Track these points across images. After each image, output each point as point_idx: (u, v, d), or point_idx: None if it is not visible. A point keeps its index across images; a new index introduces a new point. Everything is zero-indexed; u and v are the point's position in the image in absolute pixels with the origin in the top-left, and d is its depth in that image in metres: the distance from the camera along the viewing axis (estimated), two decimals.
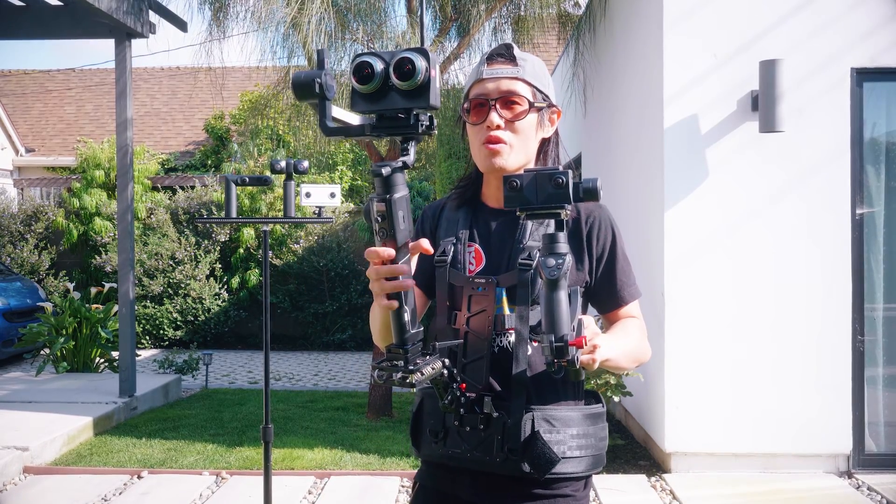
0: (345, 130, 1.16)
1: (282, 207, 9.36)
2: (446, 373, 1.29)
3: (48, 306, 7.42)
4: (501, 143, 1.49)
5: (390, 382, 1.17)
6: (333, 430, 5.50)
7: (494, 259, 1.53)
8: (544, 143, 1.59)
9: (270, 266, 9.77)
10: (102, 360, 7.24)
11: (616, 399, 4.58)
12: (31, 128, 15.72)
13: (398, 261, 1.16)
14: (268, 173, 6.33)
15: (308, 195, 3.97)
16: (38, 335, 7.09)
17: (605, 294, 1.57)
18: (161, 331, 9.83)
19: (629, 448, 4.98)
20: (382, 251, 1.15)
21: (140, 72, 16.36)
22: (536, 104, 1.52)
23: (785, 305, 4.41)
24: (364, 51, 1.66)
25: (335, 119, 1.13)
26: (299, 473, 4.54)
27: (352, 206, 10.86)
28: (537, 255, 1.43)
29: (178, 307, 9.80)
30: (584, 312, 1.59)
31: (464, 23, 5.56)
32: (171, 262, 9.85)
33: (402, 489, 4.31)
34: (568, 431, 1.45)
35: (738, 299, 4.43)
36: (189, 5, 8.99)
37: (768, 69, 4.23)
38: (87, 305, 7.27)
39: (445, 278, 1.52)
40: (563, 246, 1.27)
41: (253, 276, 10.11)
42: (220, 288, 10.05)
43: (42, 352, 7.85)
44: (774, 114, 4.22)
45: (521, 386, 1.44)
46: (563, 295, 1.23)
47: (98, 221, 10.64)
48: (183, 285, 9.83)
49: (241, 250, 10.20)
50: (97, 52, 50.97)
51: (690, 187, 4.46)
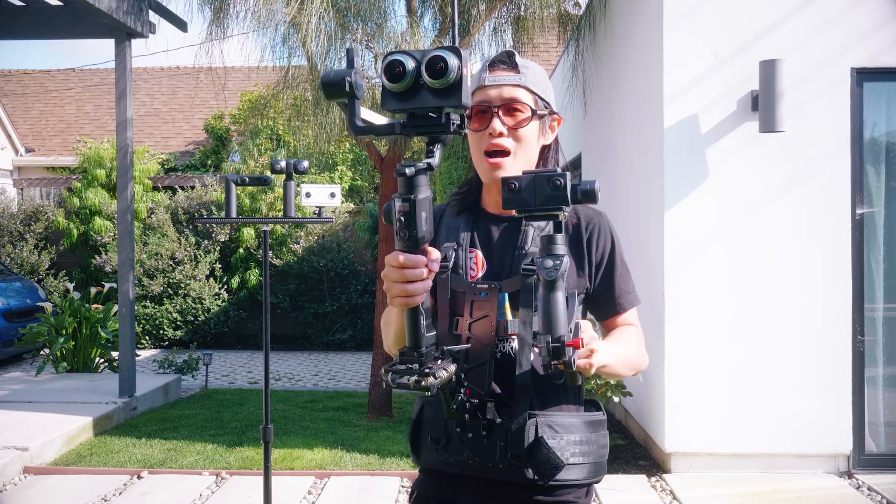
0: (374, 129, 1.15)
1: (282, 207, 9.36)
2: (453, 378, 1.28)
3: (48, 306, 7.42)
4: (503, 157, 1.50)
5: (403, 386, 1.15)
6: (333, 430, 5.50)
7: (496, 265, 1.53)
8: (544, 150, 1.60)
9: (270, 266, 9.77)
10: (102, 360, 7.24)
11: (616, 399, 4.58)
12: (31, 128, 15.72)
13: (419, 262, 1.15)
14: (268, 173, 6.34)
15: (308, 195, 3.96)
16: (38, 335, 7.09)
17: (604, 301, 1.58)
18: (161, 331, 9.83)
19: (629, 448, 4.98)
20: (405, 259, 1.14)
21: (140, 72, 16.36)
22: (539, 112, 1.52)
23: (785, 305, 4.41)
24: (395, 49, 1.64)
25: (364, 119, 1.12)
26: (299, 473, 4.54)
27: (352, 206, 10.86)
28: (535, 257, 1.43)
29: (178, 307, 9.80)
30: (584, 319, 1.59)
31: (464, 23, 5.56)
32: (171, 262, 9.85)
33: (402, 489, 4.31)
34: (570, 437, 1.45)
35: (738, 299, 4.43)
36: (189, 5, 9.02)
37: (768, 69, 4.23)
38: (87, 305, 7.27)
39: (447, 284, 1.51)
40: (561, 247, 1.27)
41: (253, 276, 10.11)
42: (220, 288, 10.05)
43: (42, 352, 7.85)
44: (774, 114, 4.22)
45: (524, 391, 1.44)
46: (561, 296, 1.23)
47: (98, 221, 10.64)
48: (183, 285, 9.83)
49: (241, 250, 10.20)
50: (97, 52, 50.98)
51: (690, 187, 4.46)
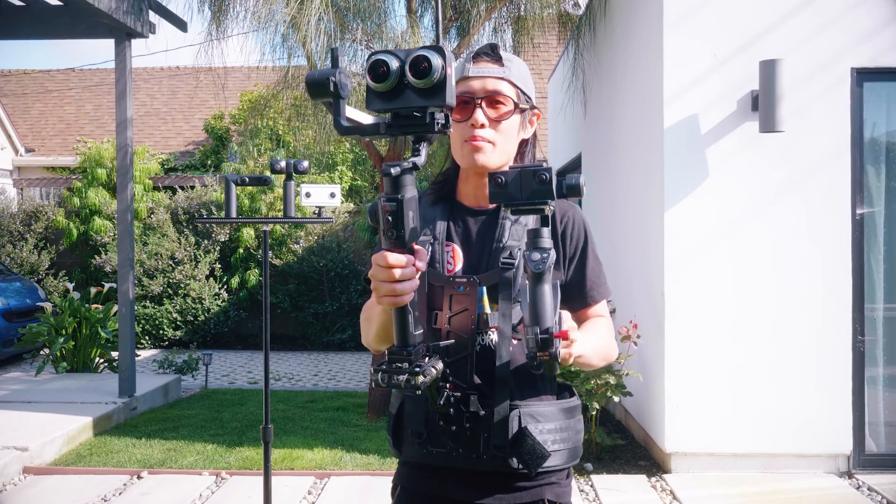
0: (359, 129, 1.15)
1: (282, 207, 9.35)
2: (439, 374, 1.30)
3: (48, 306, 7.41)
4: (485, 141, 1.51)
5: (394, 385, 1.15)
6: (333, 431, 5.50)
7: (474, 258, 1.54)
8: (523, 144, 1.61)
9: (270, 266, 9.77)
10: (102, 360, 7.24)
11: (616, 399, 4.58)
12: (31, 128, 15.72)
13: (406, 262, 1.15)
14: (268, 173, 6.33)
15: (308, 195, 3.97)
16: (38, 335, 7.09)
17: (576, 292, 1.59)
18: (161, 331, 9.83)
19: (629, 448, 4.98)
20: (393, 259, 1.14)
21: (140, 72, 16.36)
22: (521, 105, 1.54)
23: (785, 305, 4.40)
24: (379, 49, 1.64)
25: (349, 119, 1.12)
26: (299, 473, 4.54)
27: (352, 206, 10.86)
28: (518, 253, 1.46)
29: (178, 307, 9.80)
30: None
31: (464, 23, 5.56)
32: (171, 262, 9.85)
33: None
34: (549, 426, 1.47)
35: (739, 299, 4.43)
36: (189, 5, 9.02)
37: (768, 69, 4.23)
38: (87, 305, 7.27)
39: (424, 278, 1.51)
40: (548, 241, 1.28)
41: (253, 276, 10.11)
42: (220, 288, 10.05)
43: (42, 352, 7.85)
44: (774, 114, 4.21)
45: (505, 383, 1.46)
46: (548, 288, 1.24)
47: (98, 221, 10.64)
48: (183, 285, 9.83)
49: (241, 250, 10.20)
50: (97, 52, 50.98)
51: (690, 187, 4.46)
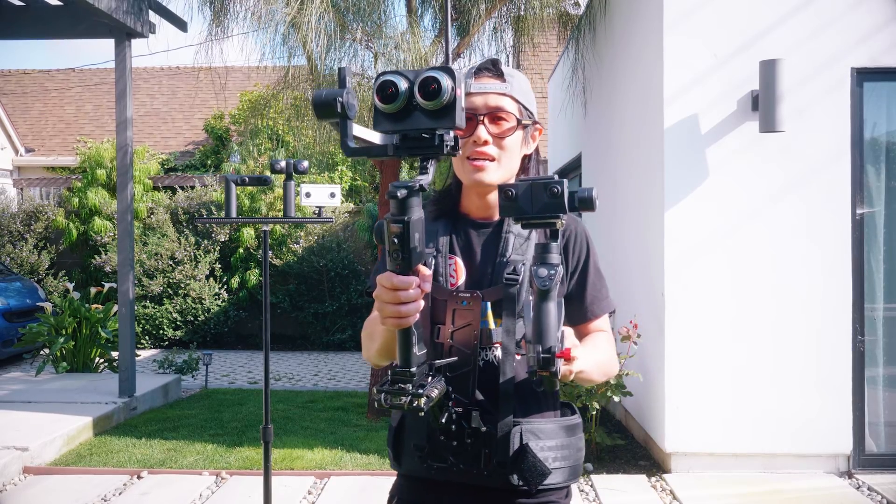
0: (366, 150, 1.13)
1: (282, 207, 9.35)
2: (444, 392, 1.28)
3: (48, 306, 7.41)
4: (486, 160, 1.50)
5: (397, 406, 1.14)
6: (333, 430, 5.50)
7: (477, 273, 1.53)
8: (525, 160, 1.60)
9: (270, 266, 9.77)
10: (102, 360, 7.24)
11: (616, 399, 4.58)
12: (31, 128, 15.72)
13: (412, 284, 1.14)
14: (268, 173, 6.33)
15: (308, 195, 3.96)
16: (38, 335, 7.09)
17: (576, 306, 1.59)
18: (161, 331, 9.83)
19: (629, 448, 4.97)
20: (398, 281, 1.13)
21: (140, 72, 16.36)
22: (523, 122, 1.53)
23: (785, 306, 4.40)
24: (388, 69, 1.60)
25: (357, 138, 1.10)
26: (299, 473, 4.53)
27: (352, 206, 10.86)
28: (522, 268, 1.45)
29: (178, 307, 9.80)
30: None
31: (464, 23, 5.56)
32: (171, 262, 9.85)
33: None
34: (550, 443, 1.47)
35: (739, 299, 4.43)
36: (189, 5, 9.01)
37: (768, 69, 4.23)
38: (87, 305, 7.26)
39: (428, 293, 1.51)
40: (556, 256, 1.27)
41: (253, 276, 10.11)
42: (220, 288, 10.05)
43: (42, 352, 7.85)
44: (774, 114, 4.21)
45: (508, 399, 1.44)
46: (553, 306, 1.22)
47: (98, 221, 10.64)
48: (183, 285, 9.83)
49: (241, 250, 10.20)
50: (97, 52, 51.00)
51: (690, 187, 4.45)
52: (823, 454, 4.42)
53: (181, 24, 6.23)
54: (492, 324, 1.47)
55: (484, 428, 1.42)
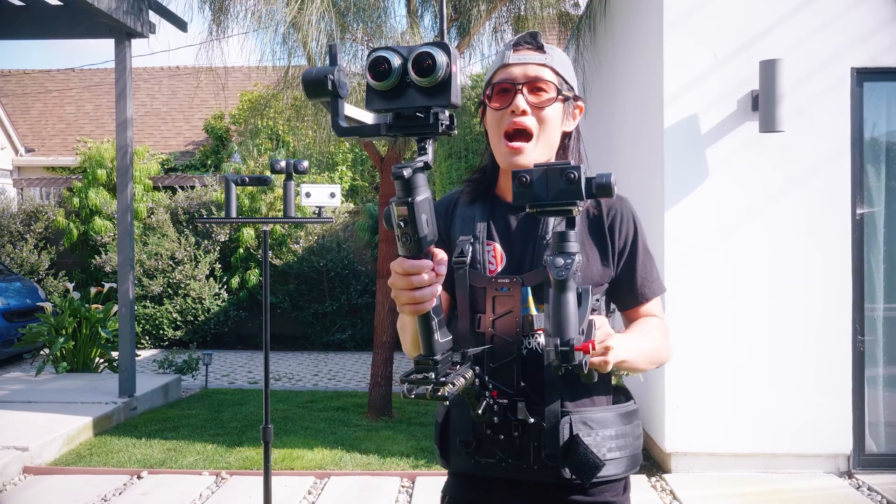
0: (359, 130, 1.09)
1: (282, 207, 9.36)
2: (477, 381, 1.23)
3: (48, 306, 7.42)
4: (524, 141, 1.43)
5: (420, 396, 1.10)
6: (333, 430, 5.50)
7: (516, 257, 1.46)
8: (565, 138, 1.53)
9: (270, 266, 9.77)
10: (102, 360, 7.24)
11: None
12: (31, 128, 15.72)
13: (424, 268, 1.09)
14: (268, 173, 6.33)
15: (308, 195, 3.97)
16: (38, 335, 7.09)
17: (626, 290, 1.52)
18: (161, 331, 9.83)
19: None
20: (410, 266, 1.08)
21: (140, 72, 16.36)
22: (563, 93, 1.46)
23: (785, 305, 4.40)
24: (380, 45, 1.54)
25: (348, 118, 1.06)
26: (299, 473, 4.53)
27: (352, 206, 10.86)
28: (545, 254, 1.38)
29: (178, 307, 9.80)
30: (608, 310, 1.54)
31: (464, 22, 5.56)
32: (171, 262, 9.85)
33: (402, 489, 4.31)
34: (605, 433, 1.40)
35: (739, 299, 4.43)
36: (189, 5, 9.02)
37: (768, 69, 4.23)
38: (87, 305, 7.27)
39: (466, 280, 1.44)
40: (574, 245, 1.22)
41: (253, 276, 10.11)
42: (220, 288, 10.05)
43: (42, 352, 7.85)
44: (774, 114, 4.21)
45: (554, 388, 1.39)
46: (572, 296, 1.18)
47: (98, 221, 10.64)
48: (183, 285, 9.83)
49: (241, 250, 10.20)
50: (97, 52, 51.01)
51: (690, 187, 4.46)
52: (823, 454, 4.42)
53: (181, 24, 6.23)
54: (533, 310, 1.40)
55: (531, 419, 1.36)
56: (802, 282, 4.40)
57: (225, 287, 10.09)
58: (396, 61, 1.05)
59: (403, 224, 1.06)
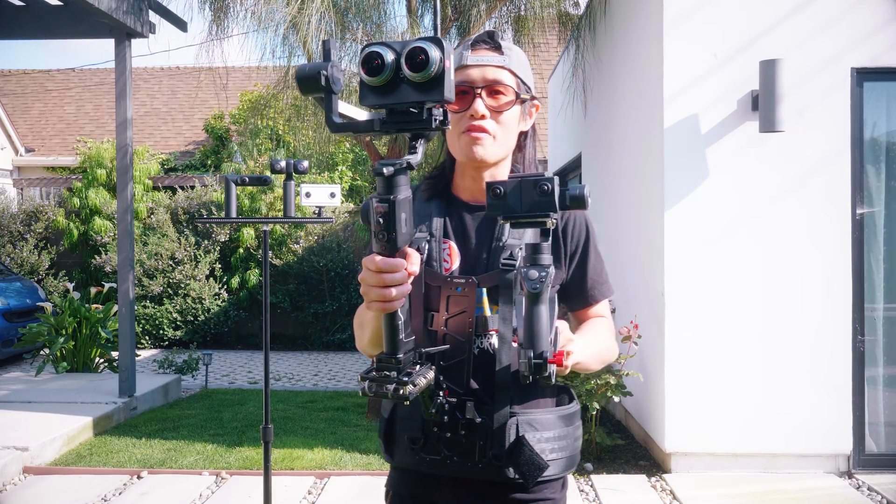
0: (352, 126, 1.09)
1: (282, 207, 9.36)
2: (432, 381, 1.24)
3: (48, 306, 7.41)
4: (484, 132, 1.43)
5: (381, 395, 1.09)
6: (333, 430, 5.50)
7: (472, 257, 1.47)
8: (521, 137, 1.55)
9: (270, 266, 9.77)
10: (102, 360, 7.24)
11: (616, 399, 4.58)
12: (31, 128, 15.72)
13: (398, 266, 1.09)
14: (268, 173, 6.33)
15: (308, 195, 3.97)
16: (38, 335, 7.09)
17: (576, 292, 1.54)
18: (161, 331, 9.83)
19: (629, 448, 4.97)
20: (383, 263, 1.08)
21: (140, 72, 16.36)
22: (521, 95, 1.47)
23: (785, 305, 4.40)
24: (374, 41, 1.53)
25: (342, 115, 1.06)
26: (299, 473, 4.54)
27: (352, 206, 10.86)
28: (519, 253, 1.39)
29: (178, 307, 9.80)
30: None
31: (464, 22, 5.56)
32: (171, 262, 9.85)
33: None
34: (548, 434, 1.42)
35: (739, 299, 4.43)
36: (189, 5, 9.04)
37: (768, 69, 4.23)
38: (87, 305, 7.27)
39: (421, 278, 1.44)
40: (547, 257, 1.22)
41: (253, 276, 10.11)
42: (220, 288, 10.05)
43: (42, 352, 7.85)
44: (774, 114, 4.21)
45: (505, 389, 1.40)
46: (545, 309, 1.18)
47: (98, 221, 10.64)
48: (183, 285, 9.83)
49: (241, 250, 10.20)
50: (97, 52, 51.02)
51: (690, 187, 4.46)
52: (823, 454, 4.42)
53: (181, 24, 6.23)
54: (487, 311, 1.41)
55: (479, 419, 1.38)
56: (802, 282, 4.40)
57: (225, 287, 10.10)
58: (389, 56, 1.04)
59: (381, 221, 1.06)
